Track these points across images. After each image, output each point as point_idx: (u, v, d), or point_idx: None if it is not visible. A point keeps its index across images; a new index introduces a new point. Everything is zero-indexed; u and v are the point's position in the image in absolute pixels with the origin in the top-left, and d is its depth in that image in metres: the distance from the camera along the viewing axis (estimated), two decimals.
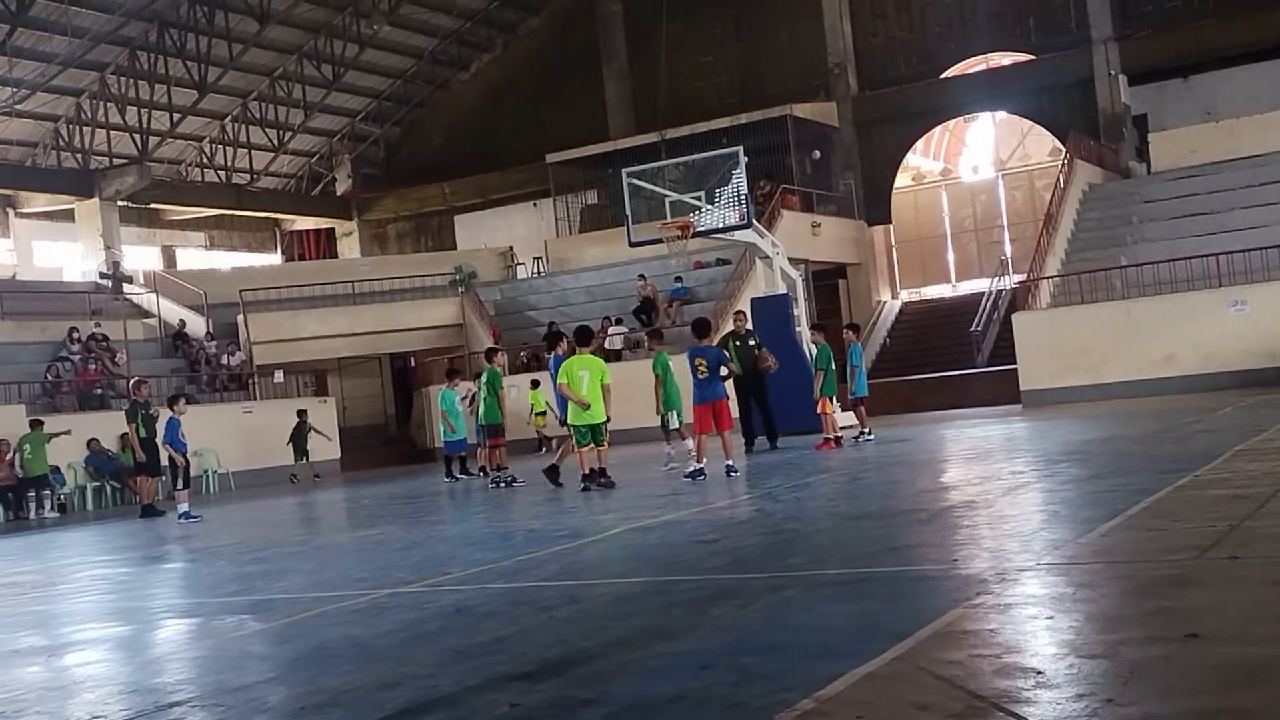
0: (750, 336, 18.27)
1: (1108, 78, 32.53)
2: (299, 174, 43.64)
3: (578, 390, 13.81)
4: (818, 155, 34.67)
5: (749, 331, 18.47)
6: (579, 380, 13.84)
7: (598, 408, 13.87)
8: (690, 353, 14.57)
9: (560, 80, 40.27)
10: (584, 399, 13.76)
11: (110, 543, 15.54)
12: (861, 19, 36.05)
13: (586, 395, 13.78)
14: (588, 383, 13.83)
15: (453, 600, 7.28)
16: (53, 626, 8.32)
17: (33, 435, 22.37)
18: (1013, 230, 36.35)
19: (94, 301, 31.49)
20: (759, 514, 10.78)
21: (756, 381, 17.96)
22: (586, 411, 13.82)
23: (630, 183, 21.80)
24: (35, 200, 35.62)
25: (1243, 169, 27.86)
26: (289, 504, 19.60)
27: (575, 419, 14.01)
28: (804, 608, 6.03)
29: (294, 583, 9.17)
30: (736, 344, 18.01)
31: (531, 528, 11.40)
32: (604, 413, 13.95)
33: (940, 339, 31.94)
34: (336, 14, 37.86)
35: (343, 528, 14.78)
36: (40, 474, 22.33)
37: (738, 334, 18.39)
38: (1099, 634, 4.87)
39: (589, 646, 5.58)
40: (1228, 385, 21.64)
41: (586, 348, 14.60)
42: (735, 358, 17.75)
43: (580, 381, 13.83)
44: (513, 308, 33.71)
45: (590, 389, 13.81)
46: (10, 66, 31.76)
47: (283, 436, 26.88)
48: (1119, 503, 8.25)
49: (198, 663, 6.49)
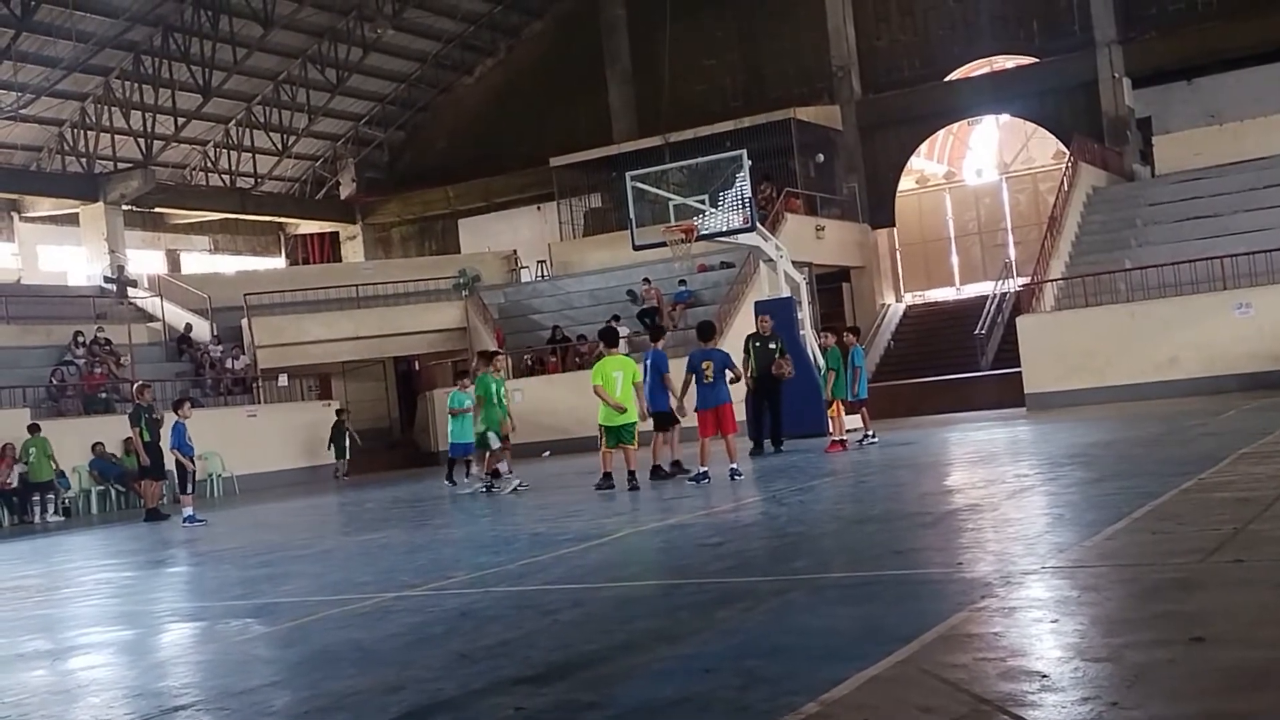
0: (772, 339, 18.25)
1: (1111, 80, 32.51)
2: (303, 178, 43.69)
3: (612, 391, 13.82)
4: (821, 158, 34.66)
5: (772, 334, 18.45)
6: (614, 381, 13.83)
7: (629, 408, 13.90)
8: (696, 356, 14.52)
9: (564, 84, 40.29)
10: (619, 401, 13.79)
11: (115, 547, 15.56)
12: (865, 22, 36.05)
13: (621, 395, 13.80)
14: (621, 384, 13.84)
15: (457, 604, 7.28)
16: (57, 630, 8.33)
17: (36, 439, 22.38)
18: (1017, 233, 36.32)
19: (98, 306, 31.52)
20: (763, 517, 10.78)
21: (771, 385, 17.95)
22: (621, 413, 13.83)
23: (634, 186, 21.79)
24: (40, 204, 35.67)
25: (1247, 172, 27.83)
26: (293, 507, 19.60)
27: (606, 419, 14.00)
28: (809, 611, 6.03)
29: (298, 586, 9.17)
30: (756, 345, 18.06)
31: (536, 531, 11.40)
32: (635, 413, 13.99)
33: (944, 342, 31.90)
34: (340, 18, 37.90)
35: (347, 531, 14.78)
36: (45, 479, 22.35)
37: (759, 335, 18.41)
38: (1104, 637, 4.86)
39: (594, 650, 5.58)
40: (1232, 388, 21.60)
41: (615, 349, 14.60)
42: (754, 359, 17.84)
43: (615, 383, 13.84)
44: (516, 311, 33.71)
45: (624, 390, 13.84)
46: (15, 71, 31.80)
47: (286, 440, 26.87)
48: (1124, 506, 8.24)
49: (202, 666, 6.49)
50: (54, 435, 23.06)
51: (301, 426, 28.41)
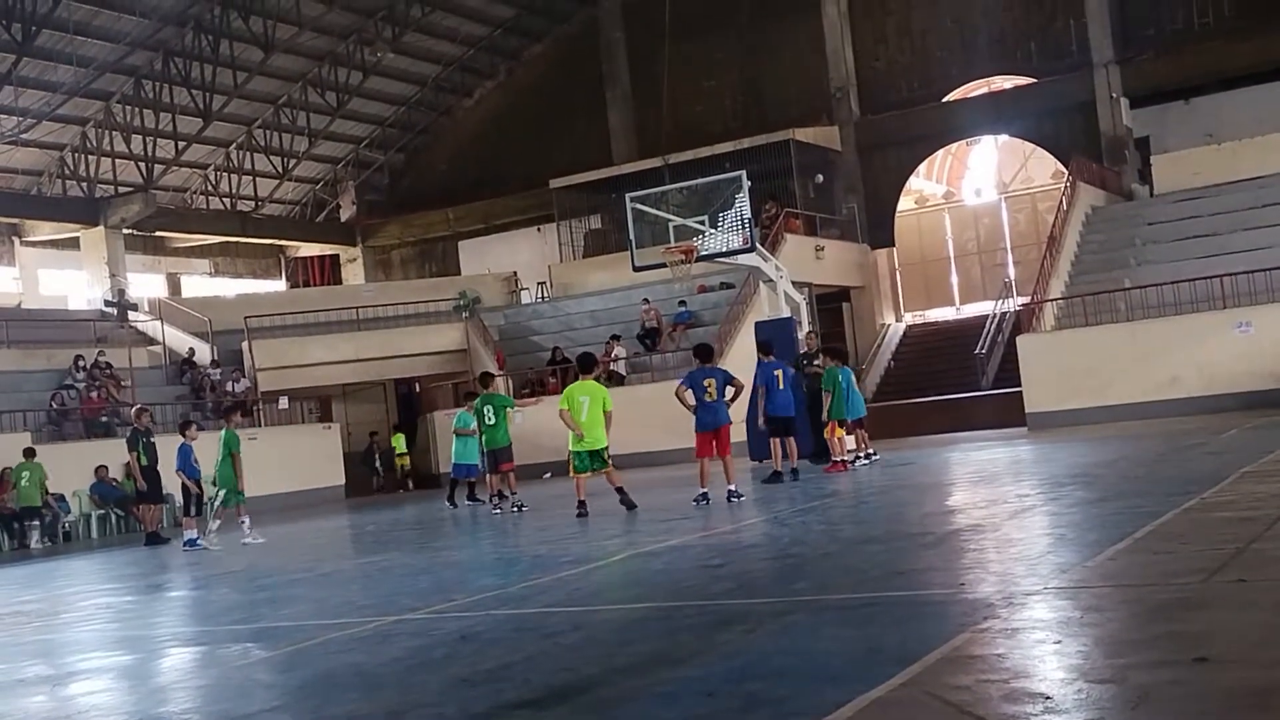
0: (817, 355, 18.60)
1: (1109, 100, 32.59)
2: (303, 200, 43.76)
3: (577, 417, 13.91)
4: (820, 179, 34.71)
5: (818, 349, 18.78)
6: (580, 406, 13.94)
7: (598, 433, 13.95)
8: (697, 375, 14.54)
9: (563, 106, 40.40)
10: (580, 427, 13.86)
11: (115, 571, 15.52)
12: (863, 43, 36.17)
13: (587, 420, 13.86)
14: (588, 408, 13.92)
15: (458, 627, 7.26)
16: (57, 655, 8.31)
17: (29, 464, 22.17)
18: (1016, 253, 36.34)
19: (99, 329, 31.51)
20: (765, 538, 10.76)
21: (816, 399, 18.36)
22: (584, 439, 13.92)
23: (634, 207, 21.81)
24: (41, 229, 35.71)
25: (1245, 191, 27.87)
26: (294, 530, 19.57)
27: (575, 445, 14.08)
28: (810, 633, 6.01)
29: (299, 610, 9.15)
30: (804, 363, 18.37)
31: (537, 553, 11.38)
32: (604, 438, 14.03)
33: (944, 362, 31.89)
34: (340, 42, 38.03)
35: (348, 554, 14.76)
36: (34, 504, 21.97)
37: (809, 353, 18.69)
38: (1107, 658, 4.85)
39: (595, 673, 5.56)
40: (1233, 407, 21.56)
41: (588, 375, 14.79)
42: (804, 377, 18.12)
43: (581, 408, 13.92)
44: (517, 333, 33.72)
45: (591, 414, 13.91)
46: (16, 96, 31.89)
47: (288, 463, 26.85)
48: (1126, 525, 8.22)
49: (202, 691, 6.47)
50: (55, 459, 22.99)
51: (302, 449, 28.36)
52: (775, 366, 16.65)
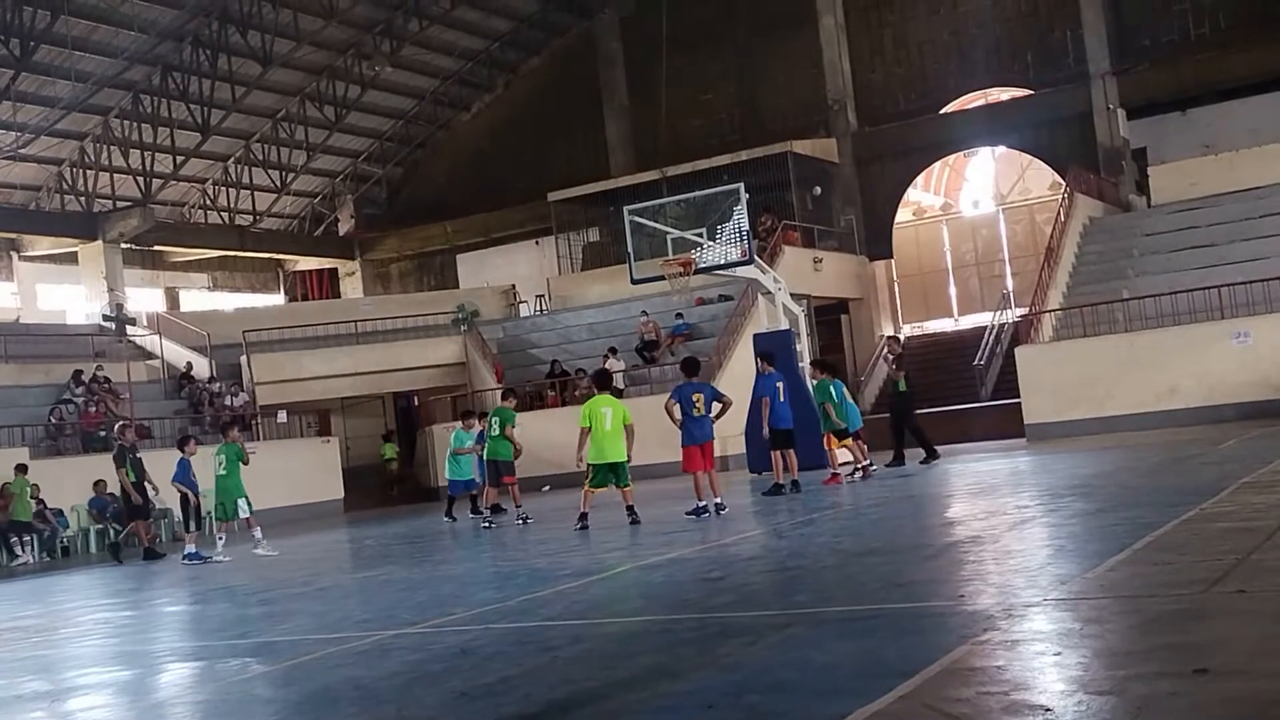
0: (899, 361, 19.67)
1: (1106, 112, 32.66)
2: (301, 215, 43.80)
3: (600, 427, 13.92)
4: (818, 191, 34.76)
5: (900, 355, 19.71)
6: (602, 417, 13.92)
7: (619, 445, 13.94)
8: (685, 390, 14.57)
9: (561, 119, 40.48)
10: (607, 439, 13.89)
11: (113, 586, 15.49)
12: (860, 56, 36.25)
13: (610, 431, 13.87)
14: (610, 421, 13.91)
15: (457, 641, 7.25)
16: (56, 671, 8.29)
17: (19, 480, 22.01)
18: (1014, 264, 36.38)
19: (97, 344, 31.48)
20: (764, 551, 10.75)
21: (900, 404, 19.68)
22: (604, 451, 13.89)
23: (632, 220, 21.85)
24: (39, 244, 35.74)
25: (1243, 201, 27.91)
26: (293, 544, 19.53)
27: (594, 458, 14.05)
28: (810, 645, 6.00)
29: (298, 624, 9.13)
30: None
31: (536, 567, 11.37)
32: (624, 452, 14.02)
33: (943, 373, 31.89)
34: (339, 56, 38.10)
35: (346, 568, 14.74)
36: (24, 519, 21.87)
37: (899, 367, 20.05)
38: (1107, 670, 4.84)
39: (595, 686, 5.55)
40: (1232, 417, 21.57)
41: (606, 390, 14.92)
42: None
43: (604, 418, 13.92)
44: (515, 346, 33.72)
45: (614, 428, 13.91)
46: (14, 111, 31.94)
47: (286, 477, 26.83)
48: (1125, 537, 8.22)
49: (201, 707, 6.46)
50: (53, 474, 22.93)
51: (301, 463, 28.33)
52: (776, 378, 16.64)
